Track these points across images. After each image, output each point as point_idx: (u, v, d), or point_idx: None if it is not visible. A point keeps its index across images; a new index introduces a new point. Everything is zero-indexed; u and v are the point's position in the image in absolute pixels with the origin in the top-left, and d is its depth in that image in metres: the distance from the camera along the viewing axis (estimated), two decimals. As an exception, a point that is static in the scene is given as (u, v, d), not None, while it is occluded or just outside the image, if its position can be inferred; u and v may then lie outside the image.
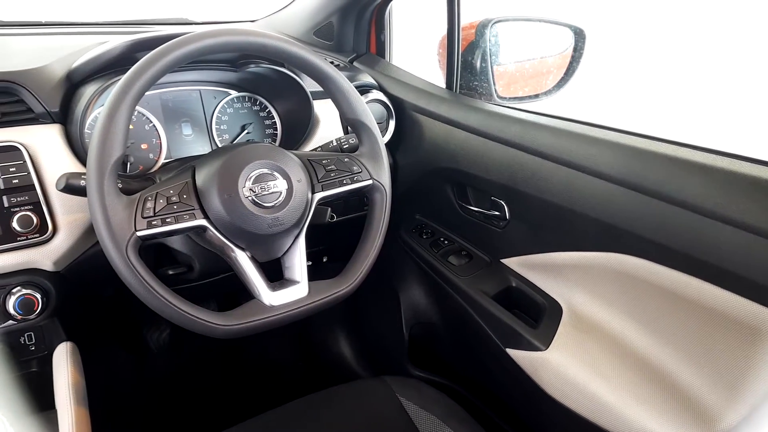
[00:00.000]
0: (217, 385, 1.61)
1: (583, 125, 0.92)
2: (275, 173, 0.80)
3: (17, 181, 0.83)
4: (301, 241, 0.85)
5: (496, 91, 1.22)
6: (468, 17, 1.16)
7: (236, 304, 0.80)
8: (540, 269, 1.02)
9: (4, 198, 0.82)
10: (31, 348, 0.96)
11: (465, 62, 1.21)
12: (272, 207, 0.79)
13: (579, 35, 1.17)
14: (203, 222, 0.76)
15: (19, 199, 0.83)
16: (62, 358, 0.94)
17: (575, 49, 1.17)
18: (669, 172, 0.75)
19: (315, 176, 0.86)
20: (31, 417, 0.84)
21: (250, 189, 0.78)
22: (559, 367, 0.89)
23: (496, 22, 1.17)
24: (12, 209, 0.83)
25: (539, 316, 0.99)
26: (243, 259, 0.80)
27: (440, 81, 1.24)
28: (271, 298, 0.80)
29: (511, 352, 0.98)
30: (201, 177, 0.78)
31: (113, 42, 0.91)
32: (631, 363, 0.83)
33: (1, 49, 1.09)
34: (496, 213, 1.08)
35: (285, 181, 0.81)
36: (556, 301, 0.98)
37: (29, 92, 0.88)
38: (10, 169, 0.83)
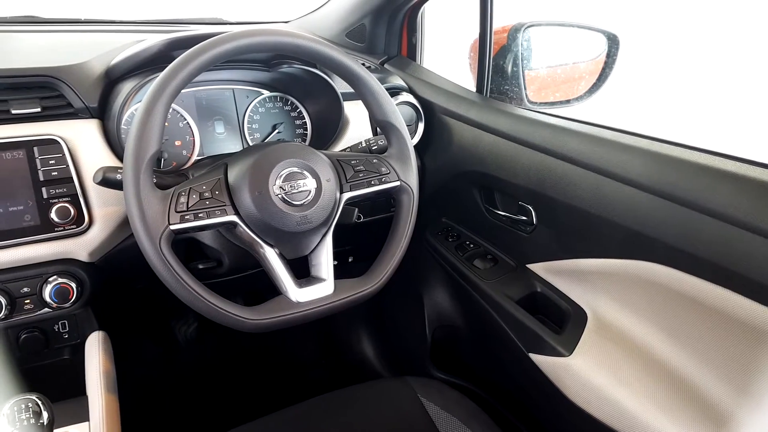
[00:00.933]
0: (240, 380, 1.63)
1: (613, 131, 0.91)
2: (305, 172, 0.82)
3: (56, 173, 0.86)
4: (328, 240, 0.86)
5: (526, 95, 1.21)
6: (500, 22, 1.16)
7: (261, 301, 0.82)
8: (566, 275, 1.01)
9: (44, 189, 0.85)
10: (65, 336, 0.99)
11: (496, 66, 1.21)
12: (301, 205, 0.80)
13: (612, 41, 1.17)
14: (234, 218, 0.78)
15: (57, 190, 0.86)
16: (94, 347, 0.96)
17: (608, 55, 1.16)
18: (699, 181, 0.74)
19: (344, 176, 0.87)
20: (62, 403, 0.86)
21: (280, 187, 0.79)
22: (582, 373, 0.89)
23: (528, 27, 1.17)
24: (51, 200, 0.86)
25: (564, 322, 0.98)
26: (271, 256, 0.81)
27: (471, 84, 1.24)
28: (298, 294, 0.81)
29: (534, 357, 0.98)
30: (233, 174, 0.80)
31: (150, 40, 0.94)
32: (655, 371, 0.83)
33: (43, 44, 1.13)
34: (524, 218, 1.08)
35: (314, 180, 0.82)
36: (581, 308, 0.97)
37: (69, 87, 0.91)
38: (50, 162, 0.86)
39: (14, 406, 0.67)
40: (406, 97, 1.21)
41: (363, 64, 1.21)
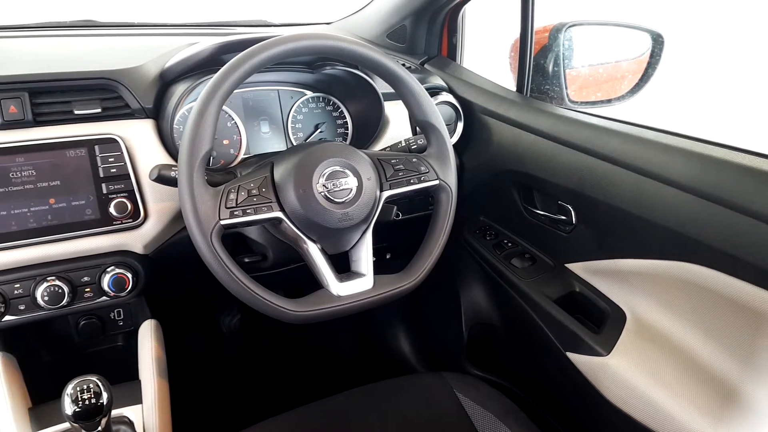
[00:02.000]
0: (281, 371, 1.68)
1: (655, 132, 0.91)
2: (347, 171, 0.84)
3: (115, 170, 0.92)
4: (368, 237, 0.89)
5: (567, 95, 1.21)
6: (541, 22, 1.16)
7: (302, 295, 0.85)
8: (605, 275, 1.01)
9: (103, 185, 0.91)
10: (120, 323, 1.05)
11: (537, 66, 1.21)
12: (343, 203, 0.83)
13: (657, 40, 1.15)
14: (279, 214, 0.82)
15: (116, 186, 0.91)
16: (147, 334, 1.02)
17: (652, 55, 1.16)
18: (742, 182, 0.74)
19: (384, 175, 0.90)
20: (117, 386, 0.92)
21: (323, 185, 0.82)
22: (620, 372, 0.89)
23: (570, 26, 1.17)
24: (110, 196, 0.91)
25: (602, 322, 0.99)
26: (314, 251, 0.84)
27: (511, 84, 1.25)
28: (339, 288, 0.84)
29: (571, 356, 0.99)
30: (279, 172, 0.84)
31: (202, 44, 0.98)
32: (694, 373, 0.82)
33: (102, 48, 1.19)
34: (563, 217, 1.08)
35: (356, 178, 0.85)
36: (620, 308, 0.97)
37: (127, 89, 0.96)
38: (109, 159, 0.91)
39: (77, 387, 0.72)
40: (446, 96, 1.22)
41: (403, 65, 1.23)
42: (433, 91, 1.22)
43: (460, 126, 1.25)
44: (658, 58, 1.14)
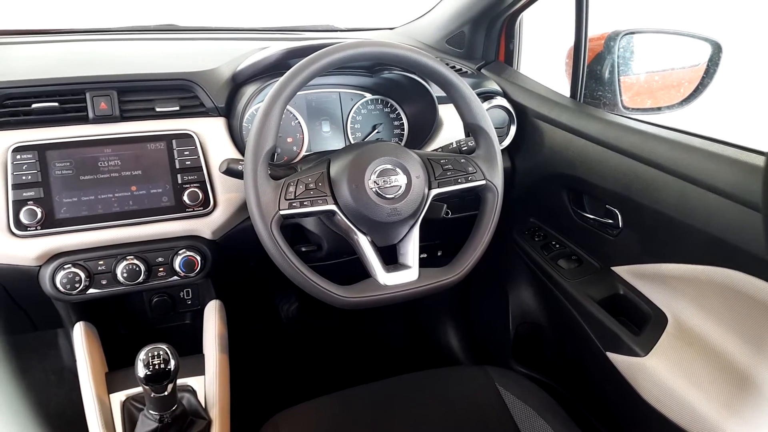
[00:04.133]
0: (331, 357, 1.76)
1: (702, 139, 0.92)
2: (397, 169, 0.90)
3: (189, 162, 1.01)
4: (415, 232, 0.94)
5: (621, 101, 1.22)
6: (598, 29, 1.18)
7: None
8: (649, 279, 1.02)
9: (179, 176, 1.01)
10: (188, 302, 1.15)
11: (592, 72, 1.23)
12: (392, 198, 0.89)
13: (716, 49, 1.15)
14: (333, 207, 0.89)
15: (189, 177, 1.01)
16: (212, 313, 1.12)
17: (710, 64, 1.15)
18: None
19: (432, 174, 0.95)
20: (183, 359, 1.02)
21: (375, 181, 0.89)
22: (657, 373, 0.91)
23: (626, 34, 1.18)
24: (184, 186, 1.00)
25: (643, 324, 1.00)
26: (364, 243, 0.91)
27: (567, 90, 1.27)
28: (386, 278, 0.90)
29: (610, 355, 1.01)
30: (334, 169, 0.91)
31: (271, 50, 1.07)
32: (731, 377, 0.83)
33: (180, 52, 1.30)
34: (610, 221, 1.10)
35: (405, 176, 0.90)
36: (662, 312, 0.98)
37: (203, 90, 1.05)
38: (185, 153, 1.01)
39: (149, 353, 0.81)
40: (500, 101, 1.26)
41: (460, 69, 1.28)
42: (487, 95, 1.26)
43: (512, 129, 1.28)
44: (716, 68, 1.13)
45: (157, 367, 0.80)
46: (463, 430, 0.97)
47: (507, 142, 1.29)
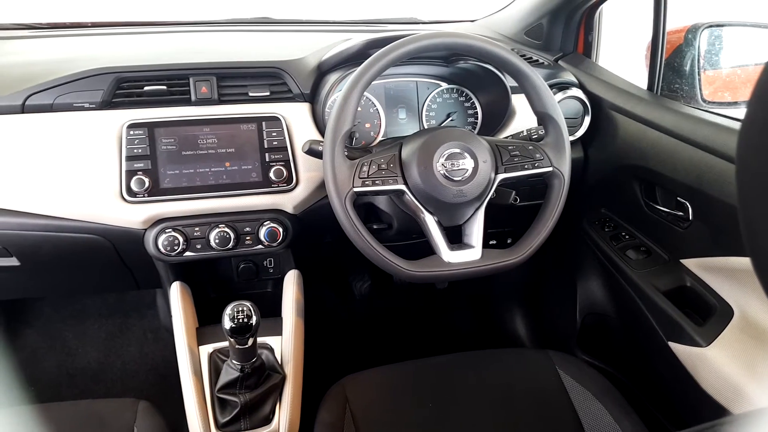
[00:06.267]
0: (399, 334, 1.84)
1: None
2: (465, 153, 0.96)
3: (276, 143, 1.11)
4: (480, 214, 0.99)
5: (702, 95, 1.20)
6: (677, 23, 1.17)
7: None
8: (717, 272, 1.02)
9: (267, 154, 1.11)
10: (270, 270, 1.26)
11: (671, 65, 1.22)
12: (459, 181, 0.95)
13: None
14: (403, 187, 0.95)
15: (276, 156, 1.11)
16: (291, 280, 1.22)
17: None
18: None
19: (500, 159, 0.99)
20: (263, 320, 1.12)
21: (443, 164, 0.95)
22: (718, 363, 0.91)
23: (707, 27, 1.16)
24: (270, 164, 1.11)
25: (708, 316, 1.00)
26: (430, 222, 0.97)
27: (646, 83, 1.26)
28: (450, 256, 0.96)
29: (672, 345, 1.01)
30: (406, 151, 0.97)
31: (353, 41, 1.15)
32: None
33: (272, 43, 1.42)
34: (680, 213, 1.09)
35: (472, 160, 0.96)
36: (729, 305, 0.98)
37: (291, 77, 1.15)
38: (273, 134, 1.11)
39: (234, 308, 0.91)
40: (575, 91, 1.27)
41: (536, 61, 1.31)
42: (562, 86, 1.27)
43: (587, 120, 1.30)
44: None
45: (240, 320, 0.90)
46: (521, 408, 1.01)
47: (581, 132, 1.30)
